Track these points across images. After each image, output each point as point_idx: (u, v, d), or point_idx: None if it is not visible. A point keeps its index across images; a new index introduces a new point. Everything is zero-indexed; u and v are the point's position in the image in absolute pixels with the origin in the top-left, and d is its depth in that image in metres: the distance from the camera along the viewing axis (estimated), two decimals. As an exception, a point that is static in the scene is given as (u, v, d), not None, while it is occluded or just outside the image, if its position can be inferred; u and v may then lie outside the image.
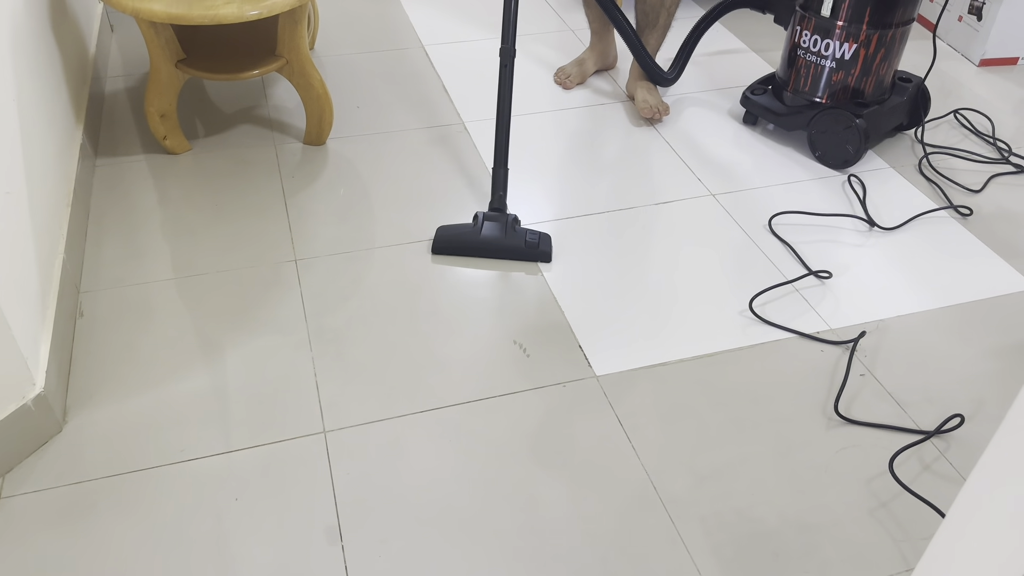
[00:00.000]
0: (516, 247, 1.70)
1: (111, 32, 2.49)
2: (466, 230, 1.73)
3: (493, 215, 1.75)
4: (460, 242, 1.72)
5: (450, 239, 1.73)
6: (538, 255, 1.71)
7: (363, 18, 2.66)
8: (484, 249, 1.71)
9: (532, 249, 1.70)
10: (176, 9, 1.67)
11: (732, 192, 1.95)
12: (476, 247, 1.71)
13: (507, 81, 1.78)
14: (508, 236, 1.71)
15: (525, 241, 1.70)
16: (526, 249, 1.70)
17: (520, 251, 1.70)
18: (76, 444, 1.35)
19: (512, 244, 1.70)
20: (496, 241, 1.71)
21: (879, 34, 1.92)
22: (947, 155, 2.10)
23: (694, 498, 1.30)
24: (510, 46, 1.77)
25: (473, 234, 1.72)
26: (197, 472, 1.31)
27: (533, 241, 1.71)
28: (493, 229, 1.72)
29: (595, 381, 1.49)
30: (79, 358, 1.50)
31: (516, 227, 1.73)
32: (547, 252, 1.71)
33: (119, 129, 2.10)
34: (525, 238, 1.70)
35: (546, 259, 1.71)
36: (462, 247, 1.72)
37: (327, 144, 2.07)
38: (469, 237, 1.72)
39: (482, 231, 1.72)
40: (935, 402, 1.47)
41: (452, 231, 1.74)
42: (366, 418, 1.40)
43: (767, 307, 1.65)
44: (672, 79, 2.21)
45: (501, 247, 1.71)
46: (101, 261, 1.70)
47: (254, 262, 1.71)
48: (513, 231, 1.72)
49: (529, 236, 1.71)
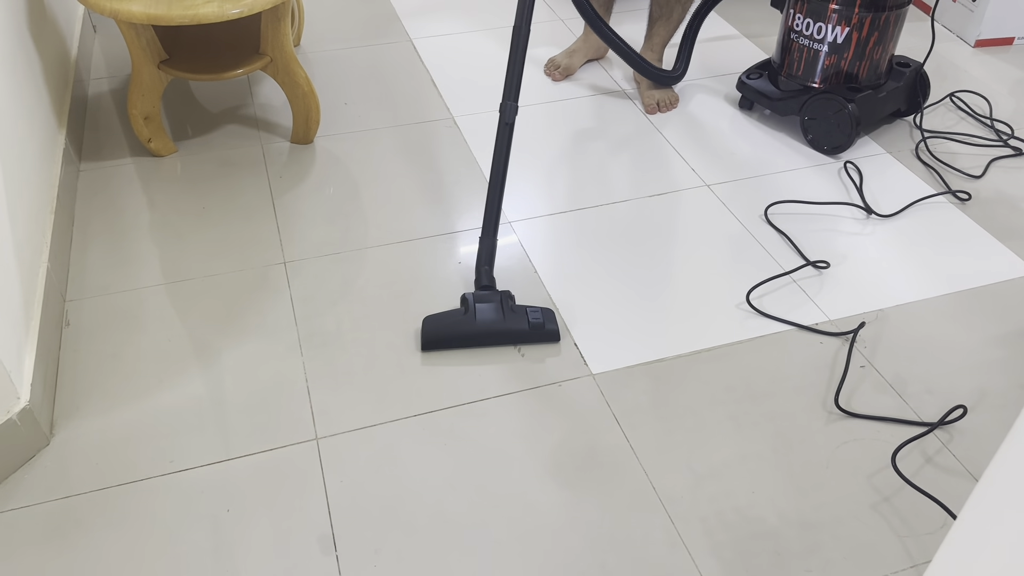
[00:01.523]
0: (520, 331, 1.50)
1: (93, 33, 2.45)
2: (458, 319, 1.51)
3: (484, 295, 1.54)
4: (453, 333, 1.50)
5: (441, 332, 1.50)
6: (545, 335, 1.51)
7: (349, 13, 2.62)
8: (483, 338, 1.50)
9: (537, 330, 1.50)
10: (155, 9, 1.63)
11: (728, 182, 1.92)
12: (473, 337, 1.50)
13: (505, 140, 1.59)
14: (508, 319, 1.50)
15: (529, 322, 1.50)
16: (531, 331, 1.50)
17: (524, 335, 1.50)
18: (64, 457, 1.32)
19: (514, 328, 1.49)
20: (495, 326, 1.49)
21: (872, 17, 1.89)
22: (945, 139, 2.07)
23: (694, 498, 1.28)
24: (513, 101, 1.59)
25: (467, 323, 1.50)
26: (188, 483, 1.29)
27: (537, 321, 1.50)
28: (489, 312, 1.50)
29: (591, 379, 1.46)
30: (66, 369, 1.47)
31: (513, 306, 1.52)
32: (554, 331, 1.51)
33: (103, 132, 2.06)
34: (528, 319, 1.50)
35: (554, 338, 1.51)
36: (456, 339, 1.50)
37: (315, 142, 2.04)
38: (463, 327, 1.50)
39: (477, 317, 1.50)
40: (936, 393, 1.45)
41: (441, 322, 1.51)
42: (359, 424, 1.38)
43: (764, 299, 1.62)
44: (678, 76, 2.17)
45: (502, 333, 1.50)
46: (87, 268, 1.67)
47: (242, 266, 1.68)
48: (512, 312, 1.51)
49: (532, 315, 1.51)
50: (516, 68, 1.60)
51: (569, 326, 1.56)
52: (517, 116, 1.61)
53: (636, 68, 2.08)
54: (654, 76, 2.12)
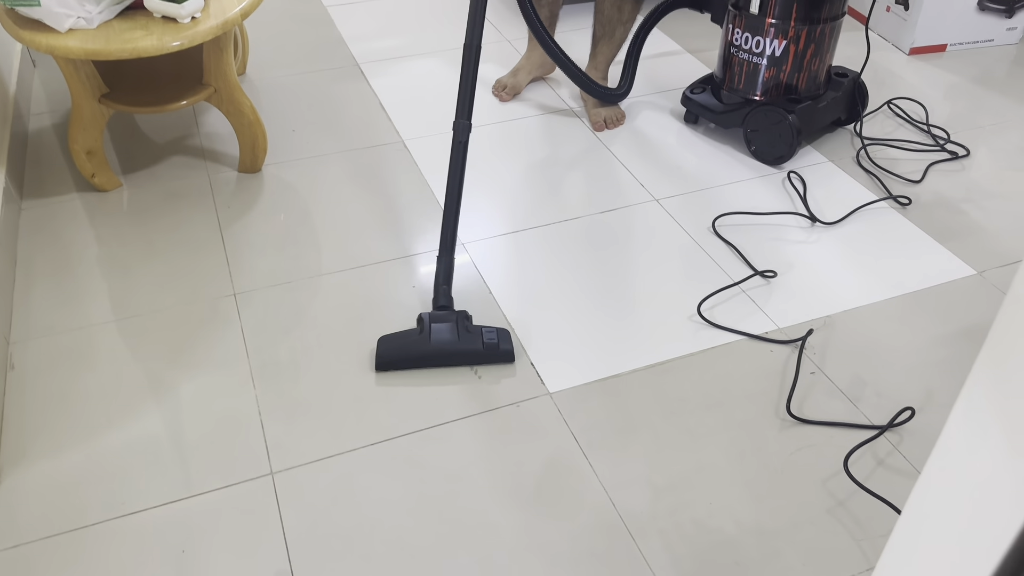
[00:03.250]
0: (474, 351, 1.51)
1: (33, 68, 2.41)
2: (412, 339, 1.52)
3: (440, 315, 1.55)
4: (408, 354, 1.51)
5: (396, 352, 1.51)
6: (499, 356, 1.52)
7: (294, 38, 2.62)
8: (437, 358, 1.51)
9: (492, 351, 1.51)
10: (93, 44, 1.61)
11: (676, 196, 1.95)
12: (427, 358, 1.51)
13: (459, 159, 1.60)
14: (463, 339, 1.51)
15: (483, 343, 1.51)
16: (485, 352, 1.51)
17: (479, 355, 1.51)
18: (10, 506, 1.29)
19: (469, 349, 1.51)
20: (449, 347, 1.50)
21: (808, 30, 1.94)
22: (885, 146, 2.13)
23: (653, 512, 1.29)
24: (466, 120, 1.60)
25: (421, 343, 1.51)
26: (140, 525, 1.26)
27: (492, 341, 1.51)
28: (444, 333, 1.51)
29: (549, 399, 1.47)
30: (10, 414, 1.43)
31: (469, 326, 1.54)
32: (509, 351, 1.52)
33: (45, 168, 2.03)
34: (482, 339, 1.51)
35: (508, 359, 1.52)
36: (411, 359, 1.51)
37: (263, 170, 2.02)
38: (418, 347, 1.51)
39: (432, 338, 1.51)
40: (885, 395, 1.48)
41: (396, 342, 1.52)
42: (314, 456, 1.36)
43: (715, 310, 1.65)
44: (623, 94, 2.19)
45: (456, 353, 1.51)
46: (31, 309, 1.64)
47: (191, 299, 1.66)
48: (467, 332, 1.52)
49: (487, 336, 1.52)
50: (468, 86, 1.61)
51: (525, 345, 1.57)
52: (474, 133, 1.62)
53: (582, 86, 2.10)
54: (599, 94, 2.15)
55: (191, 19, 1.68)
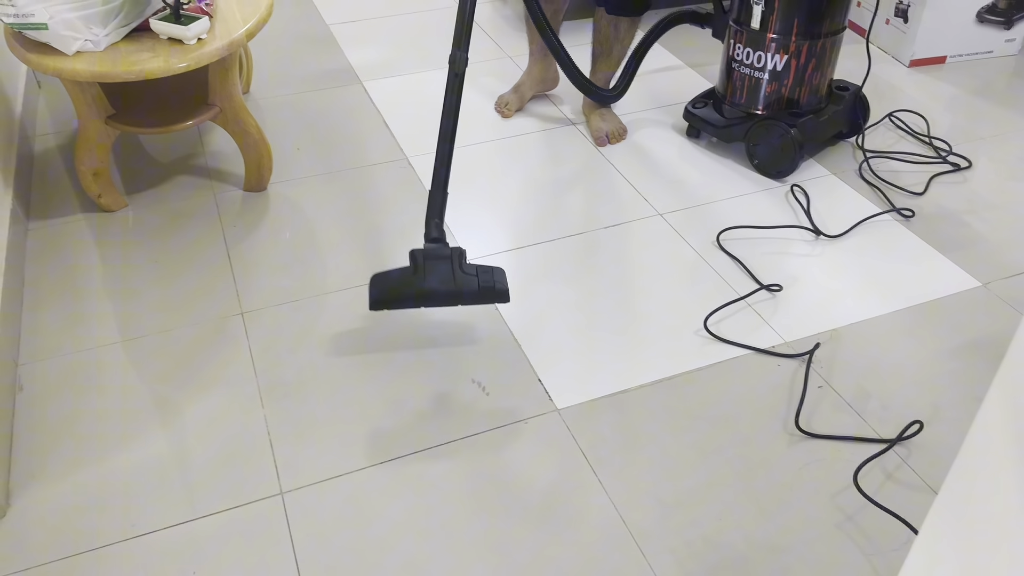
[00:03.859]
0: (470, 291, 1.45)
1: (38, 89, 2.42)
2: (406, 277, 1.46)
3: (434, 251, 1.48)
4: (402, 293, 1.46)
5: (389, 291, 1.46)
6: (496, 295, 1.46)
7: (298, 58, 2.63)
8: (432, 298, 1.46)
9: (488, 291, 1.45)
10: (100, 67, 1.62)
11: (680, 210, 1.96)
12: (422, 297, 1.45)
13: (455, 91, 1.54)
14: (458, 279, 1.44)
15: (479, 283, 1.44)
16: (481, 292, 1.45)
17: (475, 295, 1.45)
18: (21, 528, 1.29)
19: (464, 288, 1.45)
20: (445, 286, 1.45)
21: (808, 44, 1.95)
22: (887, 158, 2.14)
23: (663, 529, 1.29)
24: (463, 52, 1.54)
25: (416, 282, 1.45)
26: (151, 547, 1.26)
27: (488, 282, 1.45)
28: (438, 272, 1.45)
29: (557, 415, 1.47)
30: (20, 435, 1.43)
31: (464, 265, 1.47)
32: (504, 290, 1.47)
33: (51, 189, 2.04)
34: (478, 279, 1.45)
35: (504, 299, 1.47)
36: (405, 298, 1.46)
37: (268, 189, 2.03)
38: (413, 286, 1.45)
39: (426, 276, 1.45)
40: (893, 409, 1.48)
41: (389, 280, 1.46)
42: (323, 475, 1.37)
43: (721, 324, 1.65)
44: (614, 96, 2.20)
45: (452, 293, 1.45)
46: (39, 330, 1.64)
47: (199, 319, 1.66)
48: (462, 271, 1.46)
49: (483, 276, 1.46)
50: (465, 17, 1.55)
51: (532, 362, 1.57)
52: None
53: (577, 84, 2.10)
54: (587, 91, 2.15)
55: (197, 41, 1.70)
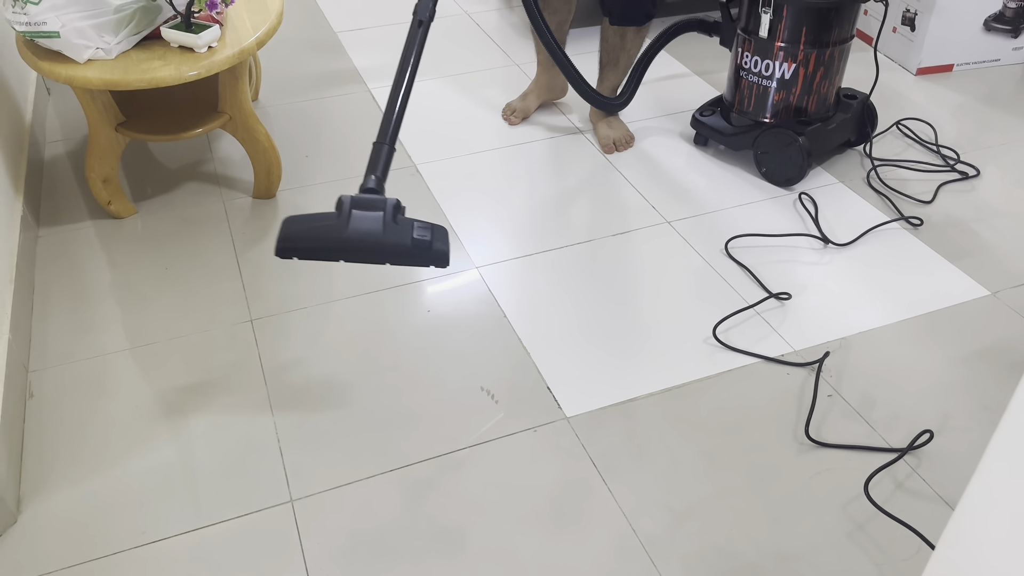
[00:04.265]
0: (399, 246, 1.22)
1: (48, 96, 2.43)
2: (326, 223, 1.24)
3: (366, 200, 1.25)
4: (317, 240, 1.24)
5: (304, 237, 1.24)
6: (431, 257, 1.24)
7: (306, 66, 2.64)
8: (354, 250, 1.23)
9: (422, 249, 1.22)
10: (112, 75, 1.63)
11: (688, 218, 1.96)
12: (340, 247, 1.23)
13: (417, 42, 1.38)
14: (388, 231, 1.22)
15: (412, 238, 1.22)
16: (413, 249, 1.22)
17: (406, 252, 1.23)
18: (32, 535, 1.29)
19: (393, 242, 1.22)
20: (370, 238, 1.22)
21: (817, 53, 1.95)
22: (895, 167, 2.14)
23: (673, 537, 1.28)
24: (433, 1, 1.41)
25: (337, 229, 1.22)
26: (161, 554, 1.26)
27: (423, 238, 1.23)
28: (365, 222, 1.22)
29: (566, 423, 1.47)
30: (31, 442, 1.44)
31: (399, 218, 1.25)
32: (443, 251, 1.24)
33: (61, 196, 2.04)
34: (412, 234, 1.23)
35: (441, 262, 1.24)
36: (321, 248, 1.24)
37: (277, 196, 2.04)
38: (332, 233, 1.23)
39: (349, 225, 1.23)
40: (902, 418, 1.48)
41: (306, 224, 1.25)
42: (334, 483, 1.37)
43: (730, 332, 1.65)
44: (620, 104, 2.21)
45: (378, 247, 1.23)
46: (49, 336, 1.65)
47: (208, 326, 1.67)
48: (394, 224, 1.23)
49: (418, 230, 1.23)
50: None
51: (541, 369, 1.57)
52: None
53: (583, 94, 2.10)
54: (599, 103, 2.16)
55: (208, 49, 1.70)
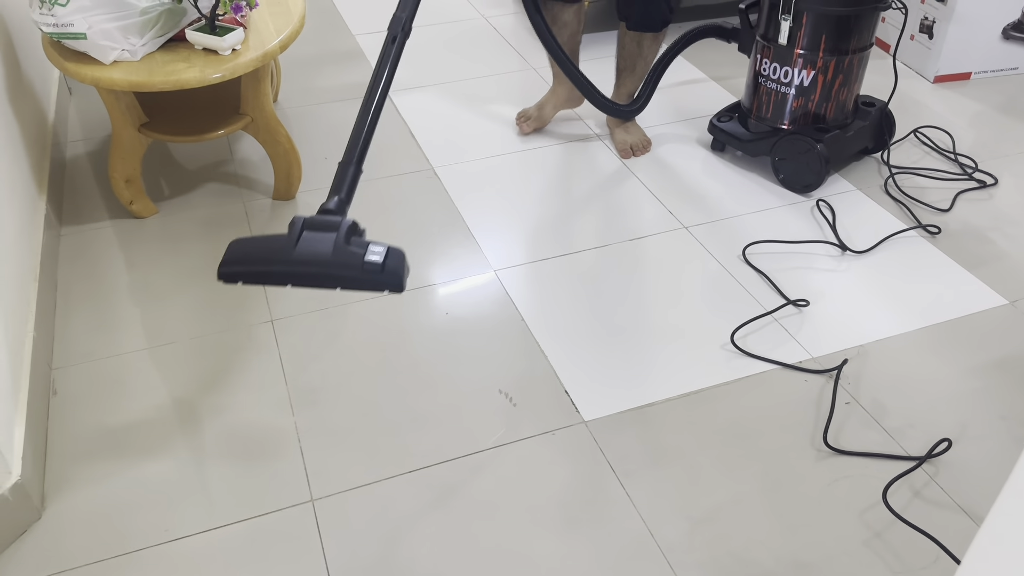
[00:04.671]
0: (348, 270, 1.15)
1: (69, 96, 2.46)
2: (274, 246, 1.18)
3: (320, 221, 1.18)
4: (262, 263, 1.18)
5: (248, 260, 1.19)
6: (383, 281, 1.15)
7: (325, 69, 2.66)
8: (301, 274, 1.17)
9: (373, 273, 1.14)
10: (137, 76, 1.65)
11: (705, 223, 1.96)
12: (286, 270, 1.16)
13: (391, 59, 1.34)
14: (338, 254, 1.14)
15: (363, 261, 1.14)
16: (363, 273, 1.14)
17: (355, 276, 1.15)
18: (56, 531, 1.31)
19: (341, 265, 1.15)
20: (317, 262, 1.15)
21: (836, 60, 1.95)
22: (912, 174, 2.13)
23: (692, 543, 1.29)
24: (407, 16, 1.35)
25: (283, 252, 1.16)
26: (183, 552, 1.28)
27: (374, 263, 1.14)
28: (315, 243, 1.15)
29: (584, 427, 1.48)
30: (55, 439, 1.45)
31: (353, 240, 1.18)
32: (397, 276, 1.15)
33: (82, 195, 2.06)
34: (364, 256, 1.14)
35: (395, 286, 1.15)
36: (265, 272, 1.18)
37: (297, 198, 2.05)
38: (277, 256, 1.16)
39: (297, 247, 1.16)
40: (919, 426, 1.48)
41: (251, 247, 1.21)
42: (354, 483, 1.38)
43: (748, 339, 1.65)
44: (635, 110, 2.21)
45: (324, 273, 1.16)
46: (71, 335, 1.66)
47: (229, 326, 1.68)
48: (346, 246, 1.15)
49: (370, 254, 1.14)
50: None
51: (559, 373, 1.58)
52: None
53: (594, 102, 2.11)
54: (612, 111, 2.17)
55: (231, 51, 1.72)
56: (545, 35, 1.99)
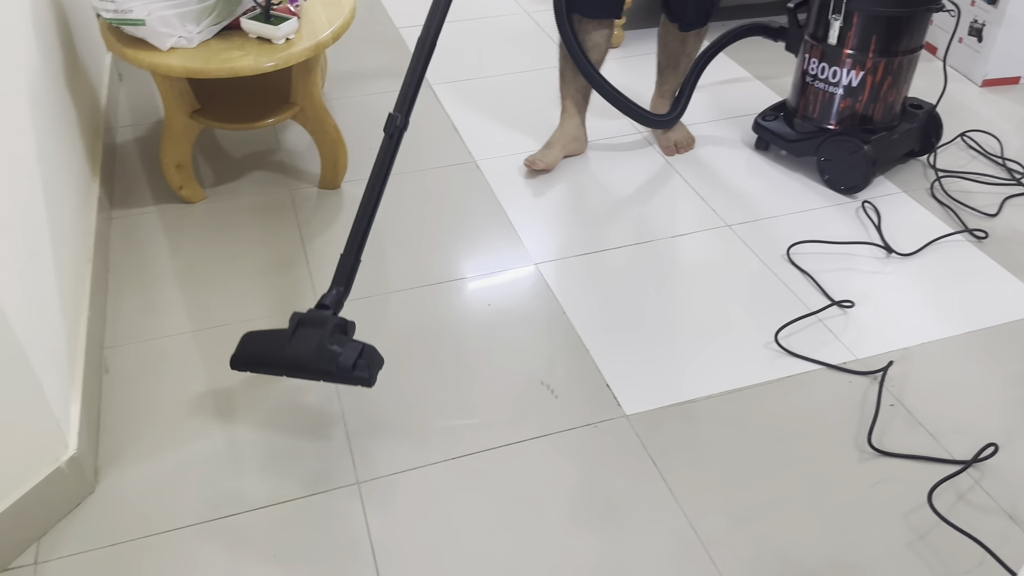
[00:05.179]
0: (327, 369, 1.34)
1: (119, 81, 2.50)
2: (276, 341, 1.38)
3: (312, 318, 1.39)
4: (266, 357, 1.39)
5: (253, 353, 1.40)
6: (352, 379, 1.35)
7: (369, 60, 2.68)
8: (295, 368, 1.38)
9: (344, 373, 1.34)
10: (193, 63, 1.68)
11: (748, 222, 1.96)
12: (282, 366, 1.38)
13: (388, 155, 1.50)
14: (319, 354, 1.34)
15: (336, 364, 1.33)
16: (338, 374, 1.34)
17: (332, 374, 1.35)
18: (108, 505, 1.34)
19: (320, 368, 1.35)
20: (303, 359, 1.35)
21: (886, 62, 1.94)
22: (959, 178, 2.11)
23: (734, 540, 1.29)
24: (404, 116, 1.51)
25: (279, 348, 1.37)
26: (231, 529, 1.30)
27: (346, 364, 1.33)
28: (304, 341, 1.35)
29: (625, 421, 1.48)
30: (107, 416, 1.49)
31: (339, 339, 1.36)
32: (365, 377, 1.34)
33: (131, 180, 2.10)
34: (337, 360, 1.33)
35: (364, 383, 1.35)
36: (264, 363, 1.39)
37: (342, 187, 2.08)
38: (274, 351, 1.38)
39: (290, 344, 1.36)
40: (965, 431, 1.47)
41: (257, 341, 1.41)
42: (398, 467, 1.40)
43: (792, 338, 1.65)
44: (672, 119, 2.18)
45: (309, 369, 1.36)
46: (122, 315, 1.70)
47: (275, 311, 1.71)
48: (325, 348, 1.34)
49: (343, 357, 1.33)
50: (414, 79, 1.53)
51: (601, 367, 1.58)
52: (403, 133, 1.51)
53: (628, 113, 2.09)
54: (649, 121, 2.15)
55: (285, 41, 1.74)
56: (579, 56, 1.98)
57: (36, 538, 1.28)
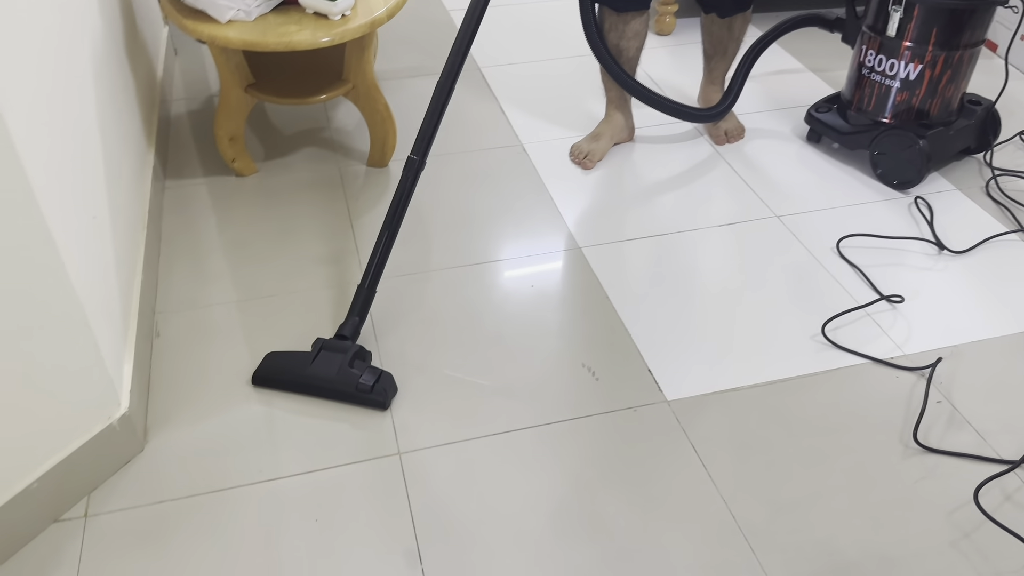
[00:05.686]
0: (346, 390, 1.46)
1: (175, 55, 2.55)
2: (297, 361, 1.50)
3: (334, 345, 1.51)
4: (285, 376, 1.50)
5: (275, 370, 1.51)
6: (368, 402, 1.46)
7: (419, 41, 2.69)
8: (311, 387, 1.48)
9: (363, 394, 1.45)
10: (251, 36, 1.70)
11: (797, 213, 1.94)
12: (302, 383, 1.49)
13: (404, 194, 1.59)
14: (340, 376, 1.46)
15: (356, 385, 1.45)
16: (356, 394, 1.46)
17: (350, 396, 1.47)
18: (156, 464, 1.37)
19: (340, 388, 1.46)
20: (324, 380, 1.47)
21: (945, 55, 1.90)
22: (1016, 177, 2.07)
23: (774, 529, 1.28)
24: (421, 158, 1.59)
25: (301, 367, 1.49)
26: (276, 492, 1.33)
27: (365, 385, 1.45)
28: (326, 364, 1.48)
29: (666, 406, 1.48)
30: (156, 378, 1.52)
31: (357, 364, 1.49)
32: (381, 401, 1.45)
33: (184, 152, 2.14)
34: (357, 381, 1.45)
35: (379, 407, 1.46)
36: (286, 382, 1.50)
37: (389, 166, 2.09)
38: (296, 371, 1.49)
39: (312, 365, 1.48)
40: (1014, 431, 1.44)
41: (280, 361, 1.52)
42: (439, 440, 1.41)
43: (839, 332, 1.63)
44: (720, 113, 2.13)
45: (329, 389, 1.47)
46: (173, 282, 1.73)
47: (324, 283, 1.73)
48: (348, 370, 1.46)
49: (363, 379, 1.45)
50: (432, 123, 1.59)
51: (643, 352, 1.58)
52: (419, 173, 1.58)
53: (671, 114, 2.05)
54: (692, 117, 2.12)
55: (341, 17, 1.76)
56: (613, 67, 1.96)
57: (87, 492, 1.32)
